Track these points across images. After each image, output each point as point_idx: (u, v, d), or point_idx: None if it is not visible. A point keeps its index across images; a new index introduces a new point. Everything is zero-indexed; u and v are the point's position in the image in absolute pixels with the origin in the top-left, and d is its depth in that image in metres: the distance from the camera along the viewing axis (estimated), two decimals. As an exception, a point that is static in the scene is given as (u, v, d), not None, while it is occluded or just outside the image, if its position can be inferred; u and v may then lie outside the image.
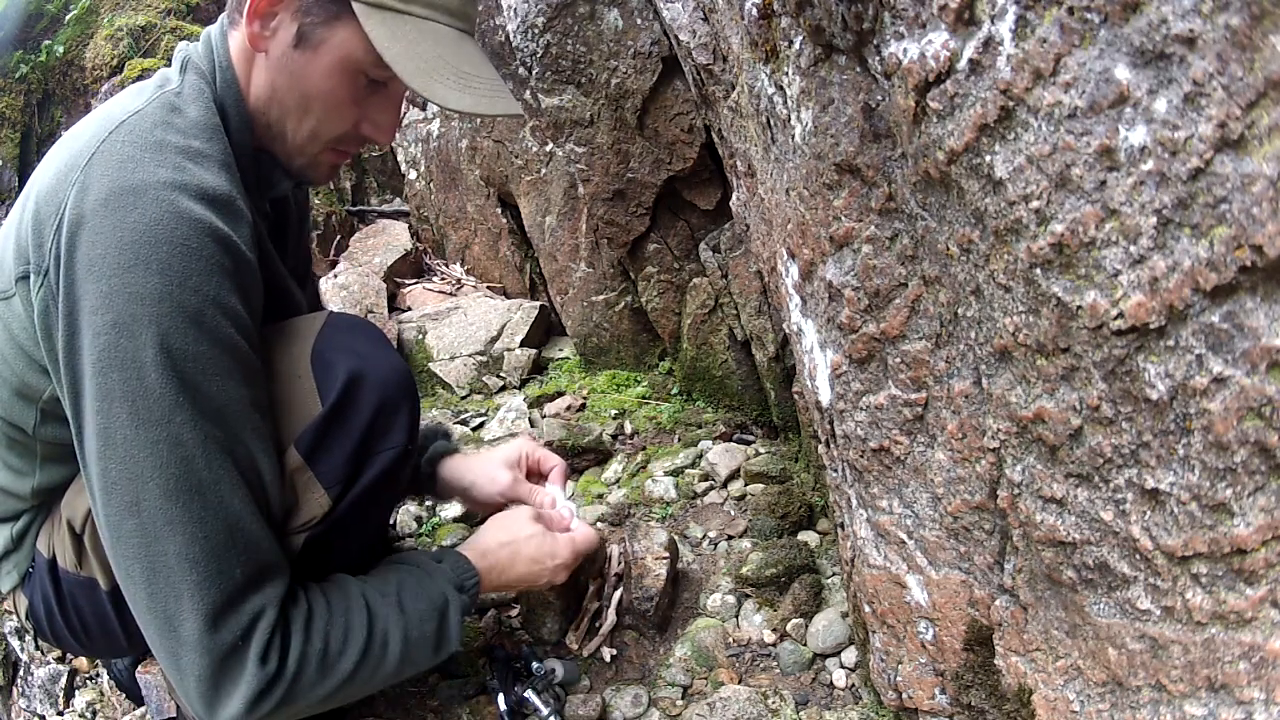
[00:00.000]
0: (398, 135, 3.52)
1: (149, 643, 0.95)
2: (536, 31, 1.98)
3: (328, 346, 1.07)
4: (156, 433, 0.89)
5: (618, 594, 1.57)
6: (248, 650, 0.93)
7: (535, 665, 1.39)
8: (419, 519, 1.97)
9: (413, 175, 3.48)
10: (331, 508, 1.05)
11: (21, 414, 1.05)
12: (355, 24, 0.97)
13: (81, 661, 1.74)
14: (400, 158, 3.58)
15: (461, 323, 2.82)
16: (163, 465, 0.89)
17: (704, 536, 1.79)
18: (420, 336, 2.79)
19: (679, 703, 1.40)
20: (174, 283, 0.88)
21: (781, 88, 1.03)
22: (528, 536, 1.26)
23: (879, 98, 0.89)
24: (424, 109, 3.30)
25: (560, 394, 2.46)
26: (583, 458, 2.12)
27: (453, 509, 1.96)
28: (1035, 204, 0.70)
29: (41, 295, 0.92)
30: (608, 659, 1.48)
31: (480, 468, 1.43)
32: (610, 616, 1.53)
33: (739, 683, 1.42)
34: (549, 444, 2.10)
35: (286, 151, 1.10)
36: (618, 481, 2.04)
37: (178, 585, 0.90)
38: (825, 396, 1.14)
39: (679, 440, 2.16)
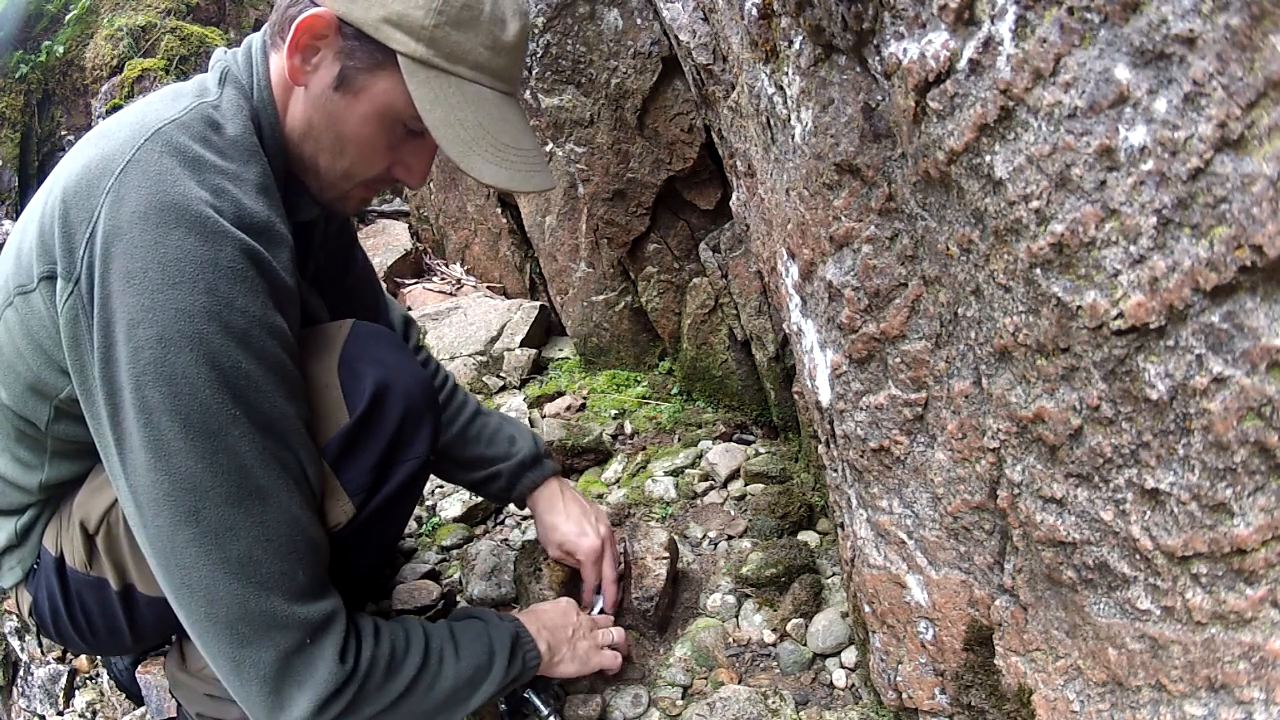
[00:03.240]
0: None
1: (206, 651, 0.93)
2: (536, 31, 1.98)
3: (354, 355, 1.08)
4: (213, 444, 0.89)
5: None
6: (323, 649, 0.92)
7: (535, 665, 1.39)
8: (419, 519, 1.97)
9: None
10: (355, 515, 1.06)
11: (34, 409, 1.04)
12: (398, 75, 0.95)
13: (82, 661, 1.74)
14: (400, 158, 3.57)
15: (461, 323, 2.82)
16: (222, 474, 0.89)
17: (704, 536, 1.79)
18: (420, 336, 2.79)
19: (679, 703, 1.40)
20: (220, 303, 0.88)
21: (781, 88, 1.03)
22: (581, 634, 1.32)
23: (879, 98, 0.89)
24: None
25: (560, 394, 2.46)
26: (583, 458, 2.12)
27: (453, 509, 1.96)
28: (1035, 204, 0.70)
29: (70, 303, 0.90)
30: (608, 659, 1.48)
31: (577, 515, 1.47)
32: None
33: (739, 683, 1.42)
34: (549, 443, 2.10)
35: (319, 185, 1.09)
36: (618, 481, 2.04)
37: (243, 589, 0.89)
38: (825, 396, 1.14)
39: (679, 440, 2.16)
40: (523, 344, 2.71)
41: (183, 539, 0.89)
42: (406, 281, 3.31)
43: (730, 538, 1.77)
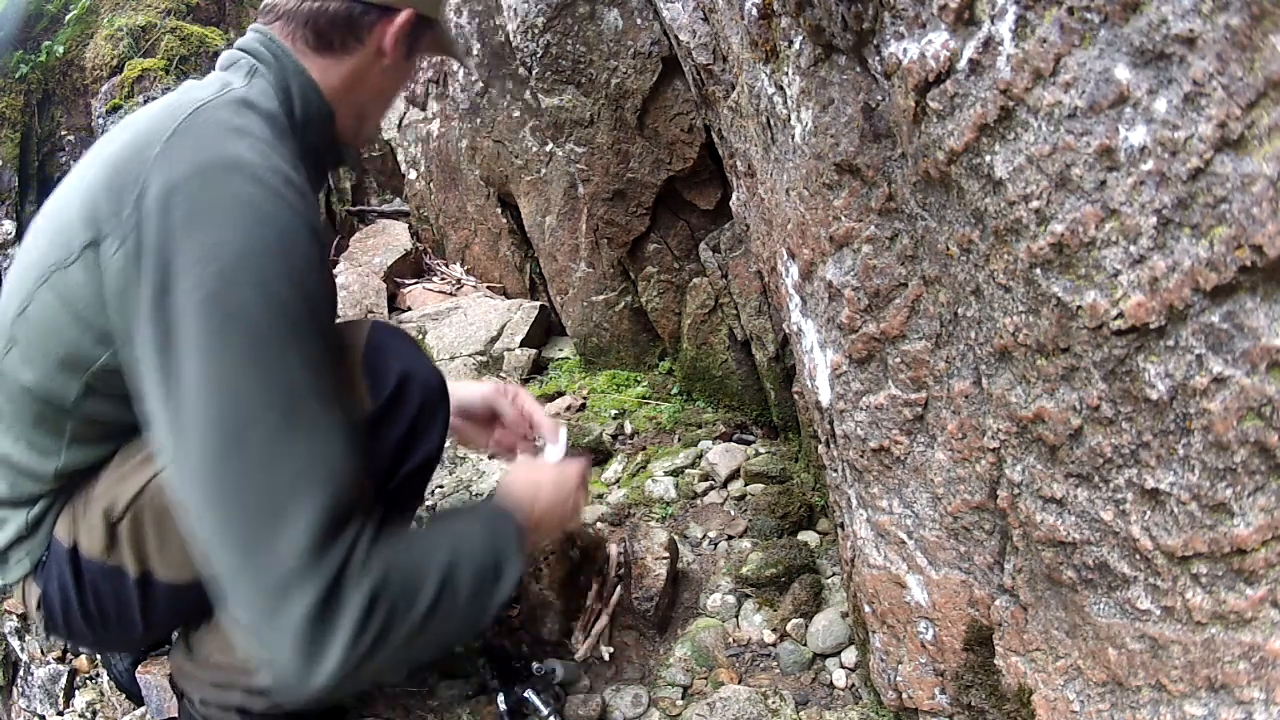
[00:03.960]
0: (398, 135, 3.52)
1: (236, 599, 0.90)
2: (536, 31, 1.98)
3: (377, 350, 1.13)
4: (265, 373, 0.90)
5: (616, 593, 1.57)
6: (350, 567, 0.91)
7: (535, 665, 1.39)
8: (418, 519, 1.97)
9: (413, 175, 3.48)
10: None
11: (62, 386, 1.03)
12: (432, 35, 1.23)
13: (82, 661, 1.74)
14: (400, 158, 3.58)
15: (461, 323, 2.82)
16: (272, 403, 0.90)
17: (704, 536, 1.79)
18: (420, 337, 2.79)
19: (679, 703, 1.40)
20: (281, 246, 0.92)
21: (781, 88, 1.03)
22: (542, 471, 1.31)
23: (879, 98, 0.89)
24: (424, 109, 3.30)
25: (560, 394, 2.46)
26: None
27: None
28: (1035, 204, 0.70)
29: (119, 259, 0.92)
30: (606, 658, 1.48)
31: (461, 386, 1.50)
32: (603, 616, 1.53)
33: (739, 683, 1.42)
34: (549, 444, 2.10)
35: (358, 141, 1.27)
36: (618, 481, 2.04)
37: (282, 519, 0.88)
38: (825, 396, 1.14)
39: (679, 440, 2.16)
40: (523, 344, 2.71)
41: (227, 469, 0.89)
42: (406, 281, 3.31)
43: (730, 538, 1.77)
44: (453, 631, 1.05)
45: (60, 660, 1.75)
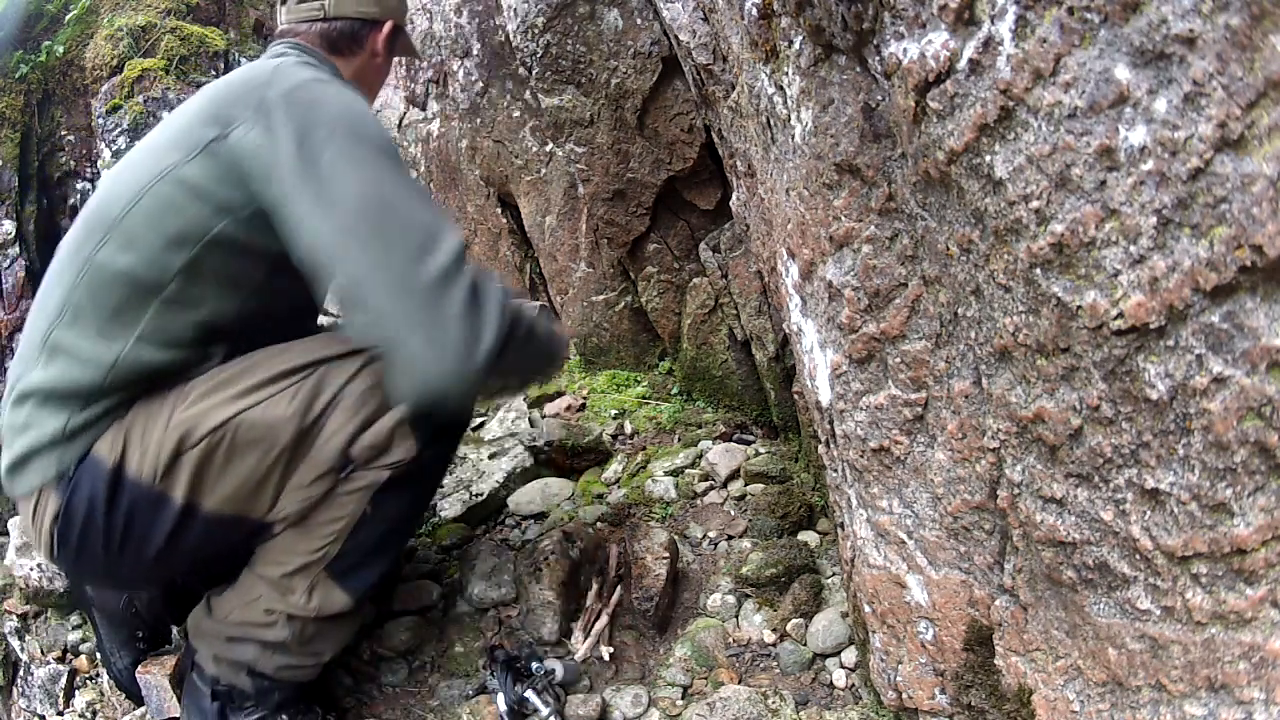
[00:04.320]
0: (398, 135, 3.52)
1: (400, 313, 1.08)
2: (536, 31, 1.98)
3: None
4: (395, 165, 1.17)
5: (616, 593, 1.57)
6: (482, 276, 1.13)
7: (535, 665, 1.39)
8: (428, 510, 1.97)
9: (412, 175, 3.48)
10: (416, 455, 1.24)
11: (164, 263, 1.16)
12: (403, 39, 1.58)
13: (82, 661, 1.74)
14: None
15: (461, 323, 2.82)
16: (405, 182, 1.15)
17: (704, 536, 1.79)
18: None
19: (679, 703, 1.40)
20: (372, 115, 1.22)
21: (781, 88, 1.03)
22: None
23: (879, 98, 0.89)
24: (424, 109, 3.30)
25: (560, 394, 2.46)
26: (583, 458, 2.12)
27: (453, 509, 1.96)
28: (1035, 204, 0.70)
29: (252, 135, 1.15)
30: (606, 658, 1.48)
31: None
32: (603, 616, 1.53)
33: (739, 683, 1.42)
34: (549, 443, 2.11)
35: None
36: (618, 481, 2.04)
37: (433, 240, 1.10)
38: (825, 396, 1.14)
39: (679, 440, 2.16)
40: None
41: (385, 216, 1.10)
42: (406, 281, 3.30)
43: (730, 538, 1.77)
44: (541, 359, 1.30)
45: (60, 660, 1.75)
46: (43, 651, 1.77)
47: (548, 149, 2.40)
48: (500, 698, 1.35)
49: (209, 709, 1.31)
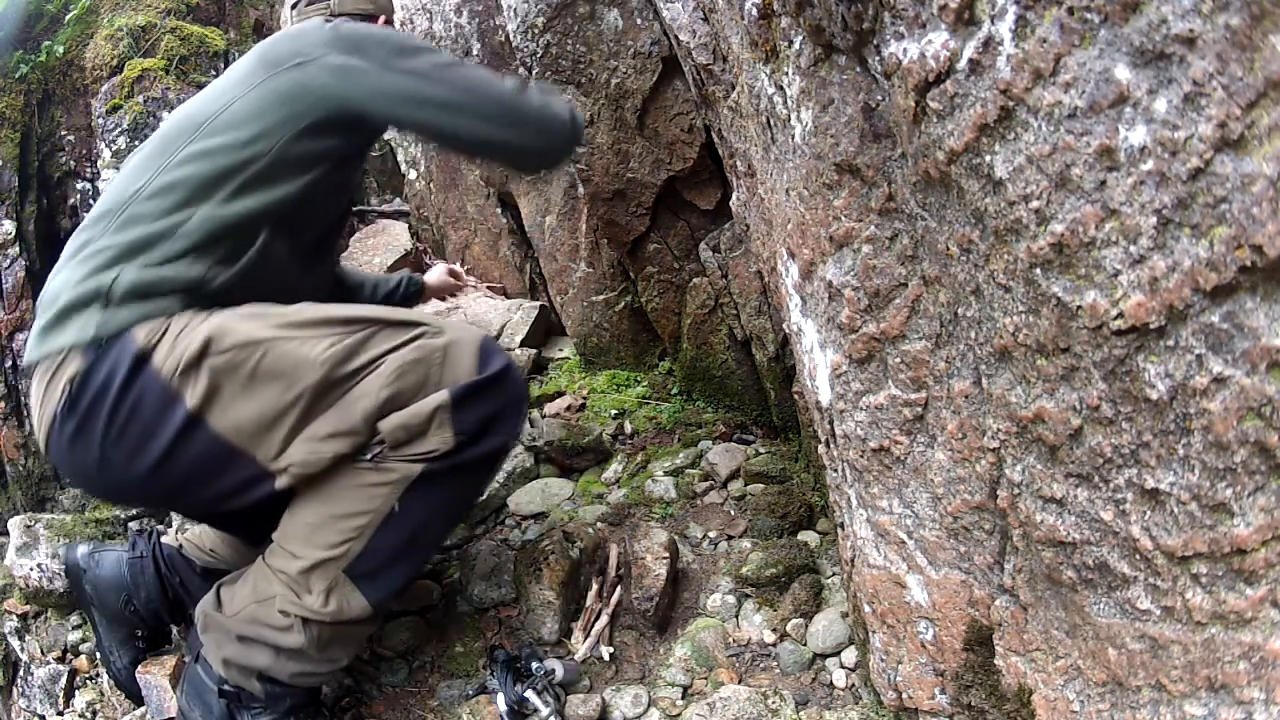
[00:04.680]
0: (398, 134, 3.52)
1: (516, 130, 1.43)
2: (536, 31, 1.98)
3: (494, 343, 1.33)
4: (441, 51, 1.47)
5: (616, 593, 1.57)
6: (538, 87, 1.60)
7: (535, 665, 1.39)
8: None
9: (413, 175, 3.48)
10: (451, 450, 1.22)
11: (256, 149, 1.30)
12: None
13: (82, 661, 1.74)
14: (400, 158, 3.57)
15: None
16: (451, 56, 1.50)
17: (704, 536, 1.79)
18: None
19: (679, 703, 1.40)
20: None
21: (781, 88, 1.03)
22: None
23: (879, 98, 0.89)
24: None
25: (560, 394, 2.46)
26: (583, 458, 2.12)
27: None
28: (1035, 204, 0.70)
29: (329, 59, 1.35)
30: (606, 657, 1.48)
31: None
32: (603, 616, 1.53)
33: (739, 683, 1.42)
34: (549, 443, 2.11)
35: None
36: (618, 481, 2.04)
37: (493, 80, 1.44)
38: (825, 396, 1.14)
39: (679, 440, 2.16)
40: (523, 344, 2.71)
41: (455, 74, 1.40)
42: (406, 281, 3.30)
43: (730, 538, 1.77)
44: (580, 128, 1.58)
45: (60, 660, 1.75)
46: (43, 651, 1.77)
47: (548, 149, 2.40)
48: (500, 698, 1.35)
49: (216, 706, 1.26)
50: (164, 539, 1.57)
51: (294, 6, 1.66)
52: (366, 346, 1.21)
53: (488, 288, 3.18)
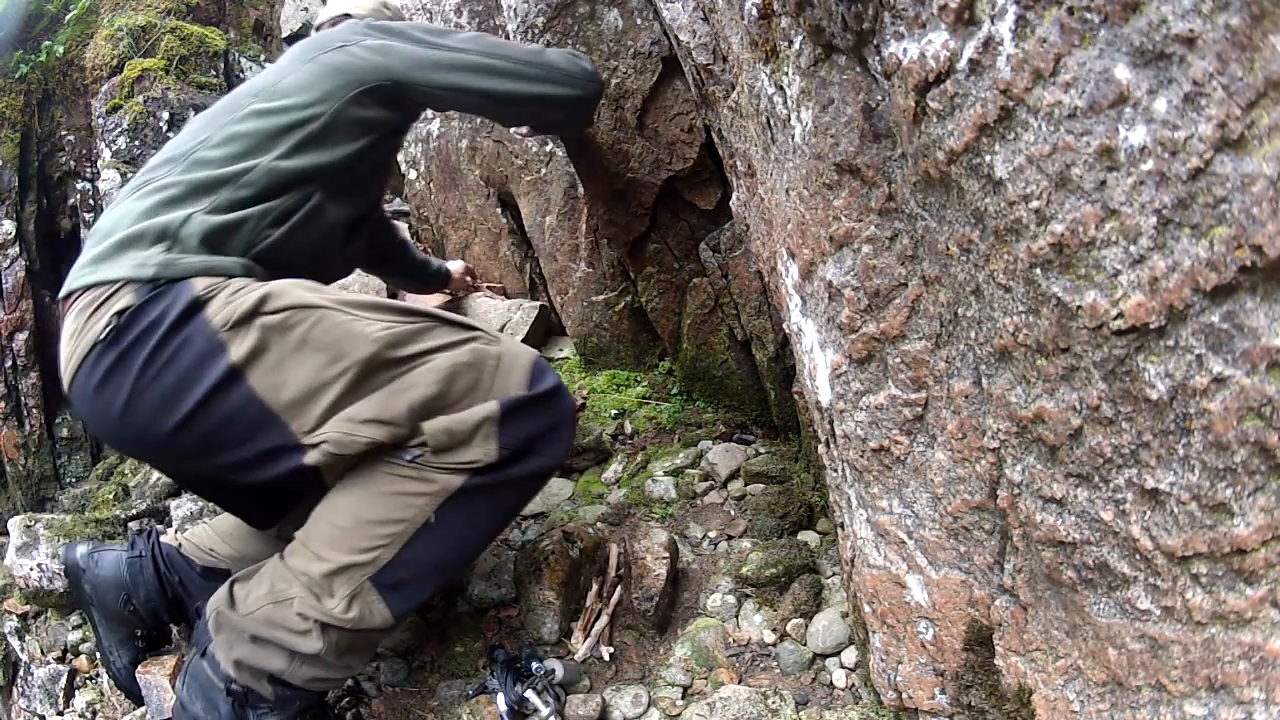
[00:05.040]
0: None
1: (546, 83, 1.62)
2: (536, 31, 1.98)
3: (546, 362, 1.33)
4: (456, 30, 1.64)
5: (616, 593, 1.57)
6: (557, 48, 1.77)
7: (535, 665, 1.39)
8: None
9: (412, 175, 3.48)
10: (493, 463, 1.19)
11: (315, 110, 1.42)
12: None
13: (82, 661, 1.74)
14: (400, 158, 3.57)
15: (461, 323, 2.81)
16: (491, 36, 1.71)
17: (704, 536, 1.79)
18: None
19: (679, 703, 1.40)
20: None
21: (781, 88, 1.03)
22: None
23: (879, 98, 0.89)
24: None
25: (560, 394, 2.45)
26: (583, 458, 2.12)
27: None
28: (1035, 204, 0.70)
29: (367, 42, 1.52)
30: (606, 658, 1.48)
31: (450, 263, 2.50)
32: (603, 616, 1.53)
33: (739, 683, 1.42)
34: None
35: None
36: (618, 481, 2.04)
37: (514, 45, 1.64)
38: (825, 396, 1.14)
39: (679, 440, 2.16)
40: (523, 343, 2.70)
41: (482, 44, 1.59)
42: (406, 281, 3.30)
43: (730, 538, 1.77)
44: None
45: (60, 660, 1.75)
46: (43, 651, 1.77)
47: (548, 149, 2.40)
48: (500, 698, 1.35)
49: (223, 706, 1.22)
50: (163, 539, 1.56)
51: (318, 28, 1.85)
52: (421, 338, 1.20)
53: (488, 288, 3.18)
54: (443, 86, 1.54)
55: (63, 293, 1.26)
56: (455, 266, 2.54)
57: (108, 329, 1.15)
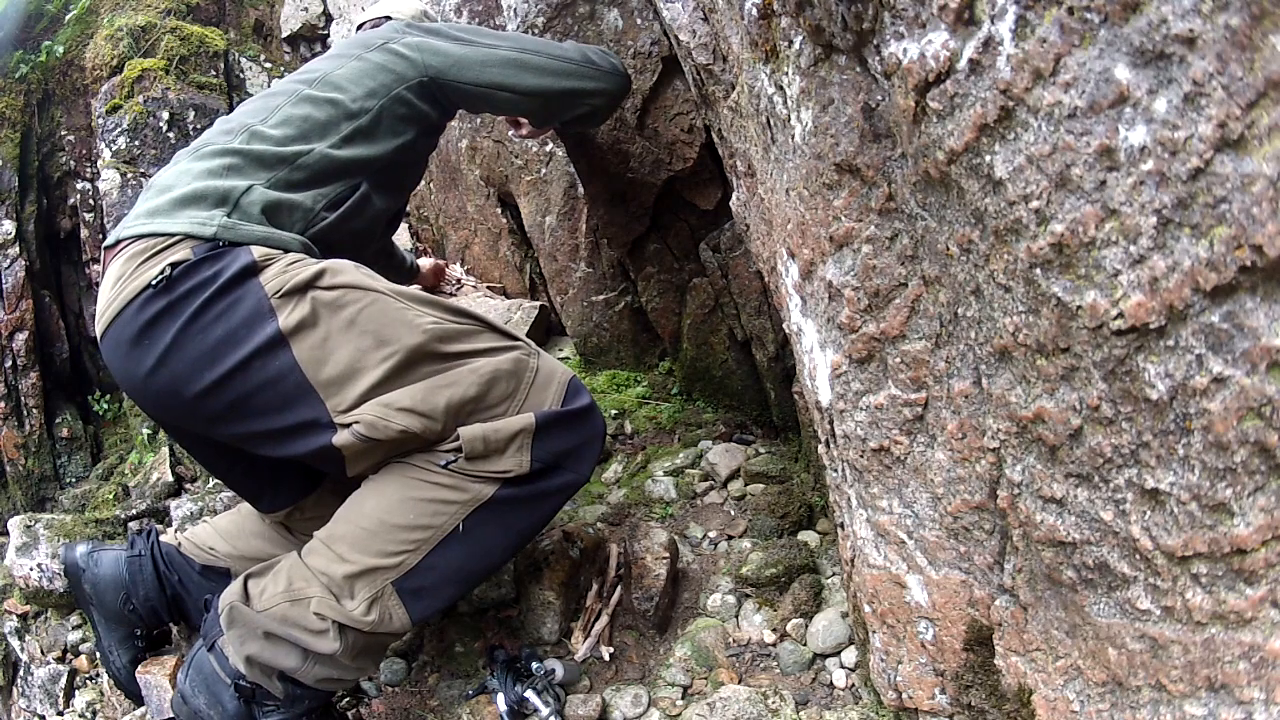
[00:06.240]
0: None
1: (580, 78, 1.67)
2: (536, 31, 1.98)
3: (580, 382, 1.34)
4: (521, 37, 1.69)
5: (616, 593, 1.57)
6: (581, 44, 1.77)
7: (535, 665, 1.39)
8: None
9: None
10: (524, 475, 1.20)
11: (364, 104, 1.48)
12: None
13: (82, 661, 1.74)
14: (400, 158, 3.57)
15: (461, 323, 2.81)
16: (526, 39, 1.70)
17: (704, 536, 1.79)
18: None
19: (679, 703, 1.40)
20: None
21: (781, 88, 1.03)
22: None
23: (879, 98, 0.89)
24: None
25: (560, 394, 2.45)
26: (583, 458, 2.12)
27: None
28: (1035, 204, 0.70)
29: (409, 39, 1.58)
30: (606, 658, 1.48)
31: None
32: (603, 616, 1.53)
33: (739, 683, 1.42)
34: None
35: None
36: (618, 481, 2.04)
37: (543, 43, 1.68)
38: (825, 396, 1.14)
39: (679, 440, 2.16)
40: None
41: (537, 49, 1.64)
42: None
43: (730, 538, 1.77)
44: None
45: (60, 660, 1.76)
46: (43, 651, 1.77)
47: (548, 149, 2.40)
48: (500, 698, 1.35)
49: (229, 702, 1.20)
50: (162, 538, 1.57)
51: (359, 28, 1.93)
52: (468, 338, 1.21)
53: (488, 288, 3.18)
54: (480, 83, 1.58)
55: (109, 239, 1.27)
56: (426, 263, 2.68)
57: (160, 277, 1.16)
